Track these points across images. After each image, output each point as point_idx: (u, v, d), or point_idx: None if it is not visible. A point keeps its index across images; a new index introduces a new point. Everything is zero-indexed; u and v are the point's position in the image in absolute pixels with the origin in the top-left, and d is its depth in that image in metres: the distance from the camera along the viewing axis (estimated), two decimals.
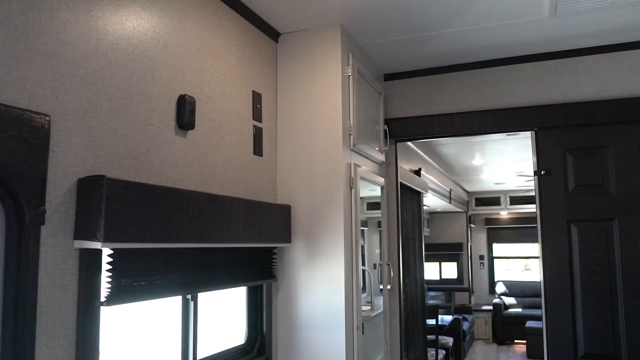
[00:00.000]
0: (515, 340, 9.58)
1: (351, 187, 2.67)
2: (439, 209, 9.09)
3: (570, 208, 2.96)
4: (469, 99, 3.20)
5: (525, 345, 8.82)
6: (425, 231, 9.44)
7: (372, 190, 3.33)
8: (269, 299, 2.55)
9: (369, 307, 3.31)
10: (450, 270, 10.10)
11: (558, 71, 3.05)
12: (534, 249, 8.29)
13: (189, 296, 2.08)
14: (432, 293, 8.38)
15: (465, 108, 3.20)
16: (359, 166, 2.77)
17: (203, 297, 2.16)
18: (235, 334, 2.48)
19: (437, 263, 10.17)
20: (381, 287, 3.12)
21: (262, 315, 2.51)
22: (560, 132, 3.01)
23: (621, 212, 2.88)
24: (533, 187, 3.06)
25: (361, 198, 5.49)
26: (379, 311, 3.14)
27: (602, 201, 2.92)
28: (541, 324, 3.03)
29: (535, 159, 3.07)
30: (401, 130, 3.33)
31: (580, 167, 2.97)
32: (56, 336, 1.48)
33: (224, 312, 2.47)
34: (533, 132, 3.08)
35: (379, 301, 3.18)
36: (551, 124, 3.01)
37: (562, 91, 3.03)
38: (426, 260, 9.63)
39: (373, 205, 3.32)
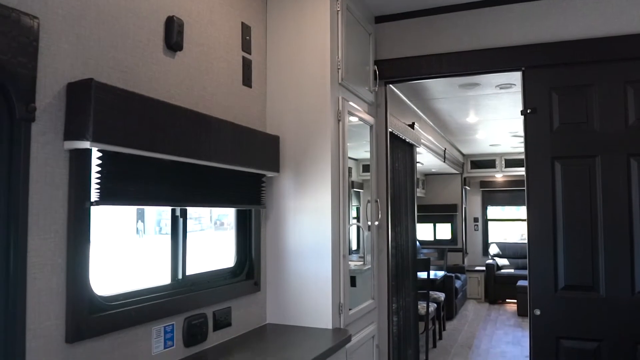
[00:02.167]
0: (507, 300, 9.77)
1: (339, 120, 2.72)
2: (434, 170, 9.16)
3: (555, 146, 3.02)
4: (459, 39, 3.23)
5: (516, 304, 9.01)
6: (420, 192, 9.54)
7: (366, 152, 3.38)
8: (257, 225, 2.63)
9: (361, 262, 3.40)
10: (444, 231, 10.23)
11: (548, 11, 3.07)
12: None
13: (178, 213, 2.16)
14: (425, 250, 8.50)
15: (455, 49, 3.23)
16: (347, 100, 2.82)
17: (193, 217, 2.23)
18: (225, 258, 2.57)
19: (432, 224, 10.30)
20: (369, 223, 3.20)
21: (250, 241, 2.59)
22: (547, 71, 3.05)
23: (604, 150, 2.94)
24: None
25: (356, 160, 5.57)
26: (369, 266, 3.22)
27: (586, 139, 2.98)
28: None
29: (522, 99, 3.11)
30: (391, 71, 3.36)
31: (565, 106, 3.01)
32: (47, 230, 1.55)
33: (213, 237, 2.56)
34: (521, 72, 3.12)
35: (369, 257, 3.26)
36: (538, 63, 3.05)
37: (550, 31, 3.05)
38: (421, 222, 9.78)
39: (368, 168, 3.37)
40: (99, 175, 1.66)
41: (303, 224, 2.65)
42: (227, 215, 2.74)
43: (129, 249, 2.37)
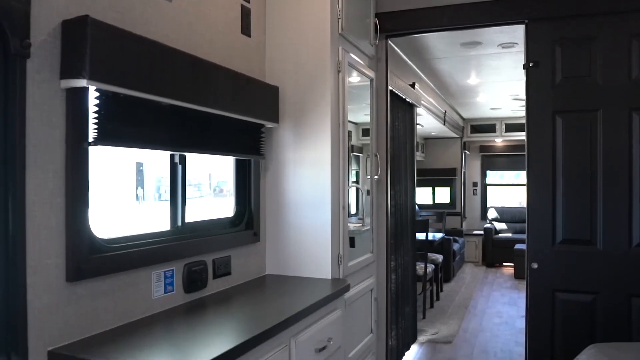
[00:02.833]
0: (504, 263, 9.87)
1: (339, 71, 2.69)
2: (433, 133, 9.12)
3: (556, 99, 3.00)
4: None
5: (513, 268, 9.10)
6: (420, 156, 9.52)
7: (366, 115, 3.35)
8: (257, 176, 2.63)
9: (360, 224, 3.41)
10: (443, 195, 10.26)
11: None
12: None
13: (176, 160, 2.15)
14: (424, 213, 8.54)
15: (457, 1, 3.17)
16: (348, 52, 2.78)
17: (192, 165, 2.22)
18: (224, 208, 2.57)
19: (431, 188, 10.32)
20: (368, 176, 3.20)
21: (249, 192, 2.59)
22: (550, 23, 3.00)
23: (606, 103, 2.91)
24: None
25: (356, 124, 5.53)
26: (368, 227, 3.23)
27: (588, 92, 2.95)
28: None
29: (524, 52, 3.07)
30: (391, 24, 3.31)
31: (568, 59, 2.98)
32: (45, 170, 1.54)
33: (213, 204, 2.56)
34: (524, 25, 3.07)
35: (368, 219, 3.26)
36: (542, 15, 3.00)
37: None
38: (420, 186, 9.78)
39: (368, 132, 3.34)
40: (96, 115, 1.65)
41: (302, 175, 2.65)
42: (227, 182, 2.74)
43: (128, 197, 2.37)
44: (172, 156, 2.14)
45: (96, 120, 1.64)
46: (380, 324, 3.28)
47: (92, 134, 1.64)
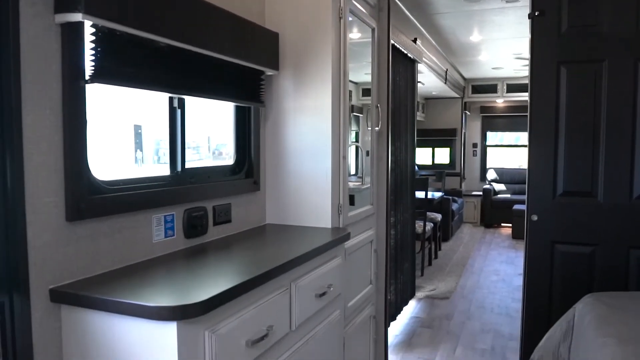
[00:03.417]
0: (502, 224, 9.93)
1: (340, 18, 2.63)
2: (434, 92, 9.04)
3: (562, 49, 2.95)
4: None
5: (511, 228, 9.15)
6: (420, 116, 9.46)
7: (367, 74, 3.29)
8: (256, 124, 2.60)
9: (359, 182, 3.39)
10: (443, 156, 10.25)
11: None
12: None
13: (175, 104, 2.12)
14: (423, 172, 8.54)
15: None
16: None
17: (191, 111, 2.19)
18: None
19: (430, 149, 10.30)
20: (369, 128, 3.17)
21: (249, 140, 2.56)
22: None
23: (611, 53, 2.86)
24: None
25: (356, 83, 5.42)
26: (367, 186, 3.20)
27: (594, 42, 2.89)
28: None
29: (530, 1, 3.00)
30: None
31: (574, 7, 2.91)
32: (42, 106, 1.51)
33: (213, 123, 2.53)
34: None
35: (368, 178, 3.23)
36: None
37: None
38: (420, 146, 9.73)
39: (369, 92, 3.29)
40: (93, 52, 1.61)
41: (303, 124, 2.62)
42: (226, 144, 2.70)
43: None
44: (170, 100, 2.11)
45: (93, 58, 1.60)
46: (379, 276, 3.30)
47: (88, 71, 1.60)
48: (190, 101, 2.19)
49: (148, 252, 1.91)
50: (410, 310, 5.15)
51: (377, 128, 3.18)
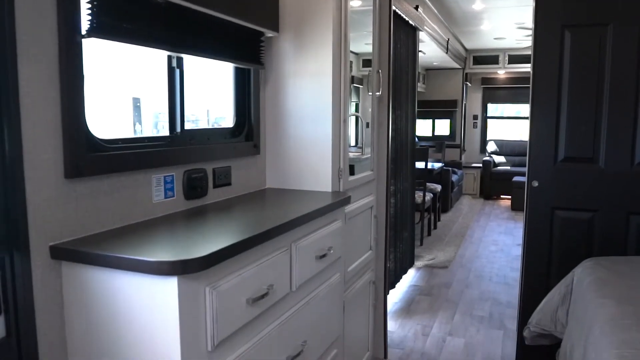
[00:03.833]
0: (502, 196, 9.95)
1: None
2: (435, 63, 8.95)
3: (566, 12, 2.90)
4: None
5: (510, 200, 9.17)
6: (421, 87, 9.39)
7: (367, 44, 3.23)
8: (256, 86, 2.57)
9: (359, 153, 3.36)
10: (443, 127, 10.21)
11: None
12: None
13: (174, 64, 2.09)
14: (423, 143, 8.52)
15: None
16: None
17: (189, 70, 2.16)
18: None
19: (431, 120, 10.25)
20: (370, 93, 3.14)
21: (249, 103, 2.54)
22: None
23: (617, 17, 2.82)
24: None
25: (357, 54, 5.36)
26: (368, 156, 3.17)
27: (599, 5, 2.85)
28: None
29: None
30: None
31: None
32: (38, 60, 1.48)
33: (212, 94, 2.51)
34: None
35: (368, 149, 3.20)
36: None
37: None
38: (420, 117, 9.69)
39: (369, 63, 3.23)
40: (89, 6, 1.57)
41: (303, 87, 2.59)
42: (225, 118, 2.68)
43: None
44: (169, 60, 2.08)
45: (89, 12, 1.57)
46: (379, 242, 3.31)
47: (85, 26, 1.57)
48: (190, 65, 2.16)
49: (148, 212, 1.91)
50: (409, 278, 5.19)
51: (377, 93, 3.15)
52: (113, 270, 1.46)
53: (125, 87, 2.14)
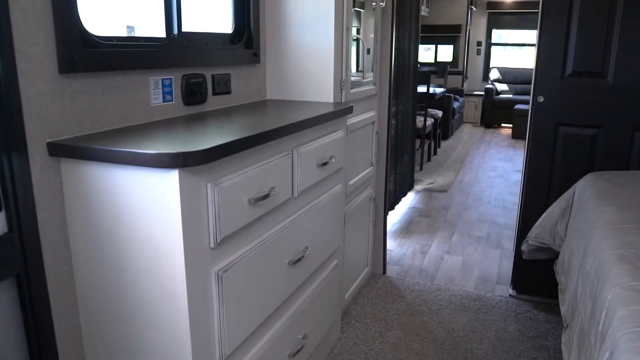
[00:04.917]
0: (503, 125, 9.88)
1: None
2: None
3: None
4: None
5: (511, 129, 9.12)
6: (424, 11, 9.10)
7: None
8: None
9: (360, 77, 3.26)
10: (446, 53, 9.99)
11: None
12: (535, 36, 7.88)
13: None
14: (425, 68, 8.37)
15: None
16: None
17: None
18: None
19: (433, 45, 10.01)
20: (374, 3, 3.02)
21: (249, 7, 2.44)
22: None
23: None
24: None
25: None
26: (369, 79, 3.06)
27: None
28: (529, 107, 3.03)
29: None
30: None
31: None
32: None
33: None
34: None
35: (369, 74, 3.09)
36: None
37: None
38: (422, 43, 9.43)
39: None
40: None
41: None
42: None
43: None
44: None
45: None
46: (380, 159, 3.29)
47: None
48: None
49: (147, 115, 1.87)
50: (408, 201, 5.23)
51: (381, 3, 3.03)
52: (113, 165, 1.44)
53: (119, 16, 2.04)
